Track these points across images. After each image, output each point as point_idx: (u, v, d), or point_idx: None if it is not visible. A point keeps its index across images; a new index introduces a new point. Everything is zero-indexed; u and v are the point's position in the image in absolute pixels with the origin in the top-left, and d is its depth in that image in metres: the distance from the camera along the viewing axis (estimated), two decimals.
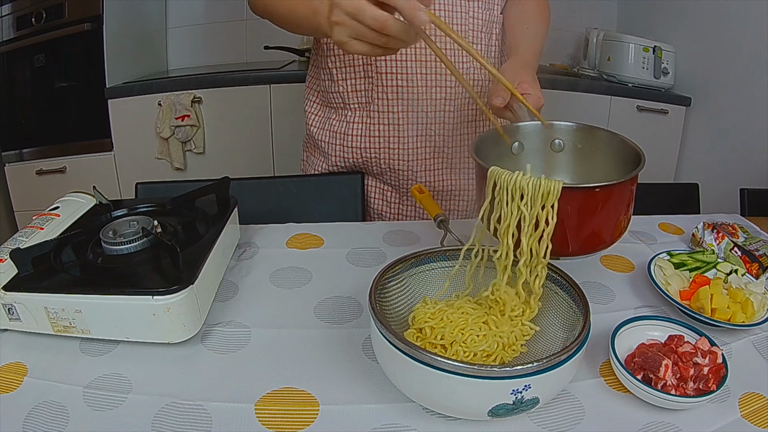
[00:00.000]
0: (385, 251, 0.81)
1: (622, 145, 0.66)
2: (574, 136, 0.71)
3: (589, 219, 0.57)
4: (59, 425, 0.49)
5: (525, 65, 0.82)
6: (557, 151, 0.72)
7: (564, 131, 0.72)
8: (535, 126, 0.72)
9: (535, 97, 0.73)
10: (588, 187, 0.55)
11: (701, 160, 2.14)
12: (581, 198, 0.56)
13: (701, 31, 2.06)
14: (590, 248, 0.61)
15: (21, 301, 0.57)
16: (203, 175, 2.15)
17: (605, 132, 0.69)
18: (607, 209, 0.57)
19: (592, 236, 0.59)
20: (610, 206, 0.58)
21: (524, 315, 0.58)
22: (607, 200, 0.57)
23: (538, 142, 0.72)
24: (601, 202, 0.56)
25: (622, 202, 0.59)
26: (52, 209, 0.72)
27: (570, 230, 0.57)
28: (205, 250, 0.64)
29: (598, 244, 0.61)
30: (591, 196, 0.56)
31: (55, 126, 2.11)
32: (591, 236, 0.59)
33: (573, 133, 0.71)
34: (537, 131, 0.72)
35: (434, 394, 0.48)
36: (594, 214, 0.57)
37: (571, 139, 0.71)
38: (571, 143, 0.71)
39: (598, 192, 0.56)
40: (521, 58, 0.86)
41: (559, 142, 0.72)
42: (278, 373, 0.56)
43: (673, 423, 0.51)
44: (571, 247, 0.59)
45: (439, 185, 1.02)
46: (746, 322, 0.63)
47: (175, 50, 2.46)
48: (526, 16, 0.95)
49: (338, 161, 1.02)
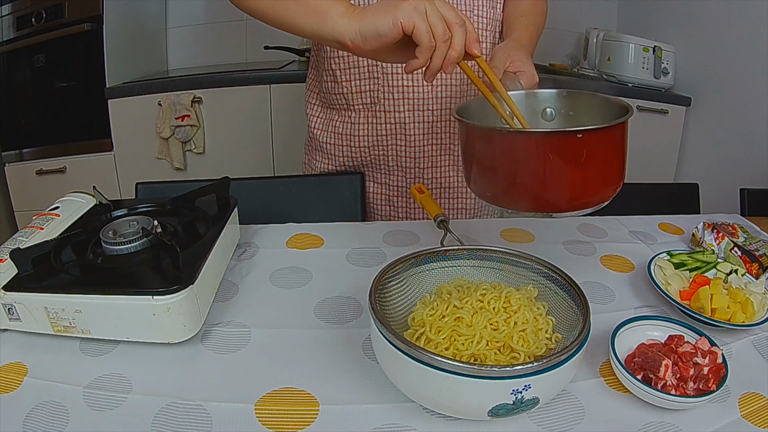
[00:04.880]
0: (385, 251, 0.81)
1: (607, 102, 0.66)
2: (560, 103, 0.72)
3: (574, 168, 0.56)
4: (59, 425, 0.49)
5: (518, 45, 0.82)
6: (548, 120, 0.72)
7: (550, 99, 0.72)
8: (523, 95, 0.72)
9: (528, 74, 0.74)
10: (570, 131, 0.55)
11: (701, 160, 2.14)
12: (564, 144, 0.55)
13: (701, 31, 2.06)
14: (582, 199, 0.59)
15: (21, 301, 0.57)
16: (203, 175, 2.15)
17: (588, 95, 0.70)
18: (594, 156, 0.56)
19: (582, 186, 0.58)
20: (597, 153, 0.56)
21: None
22: (592, 145, 0.55)
23: (528, 112, 0.72)
24: (585, 147, 0.55)
25: (608, 148, 0.57)
26: (52, 209, 0.72)
27: (556, 179, 0.56)
28: (205, 250, 0.64)
29: (590, 195, 0.59)
30: (574, 142, 0.55)
31: (55, 126, 2.11)
32: (581, 186, 0.58)
33: (560, 100, 0.72)
34: (525, 101, 0.72)
35: (434, 394, 0.48)
36: (579, 163, 0.56)
37: (560, 106, 0.72)
38: (561, 111, 0.72)
39: (581, 138, 0.54)
40: (514, 40, 0.86)
41: (550, 111, 0.72)
42: (278, 373, 0.56)
43: (673, 423, 0.51)
44: (564, 196, 0.58)
45: (446, 182, 1.02)
46: (746, 322, 0.63)
47: (175, 50, 2.46)
48: (523, 7, 0.96)
49: (345, 161, 1.03)
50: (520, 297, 0.58)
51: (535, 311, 0.57)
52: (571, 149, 0.55)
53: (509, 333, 0.54)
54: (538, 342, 0.54)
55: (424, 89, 0.93)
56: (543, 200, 0.58)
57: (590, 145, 0.55)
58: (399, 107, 0.94)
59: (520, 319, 0.55)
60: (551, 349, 0.55)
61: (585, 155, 0.55)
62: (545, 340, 0.55)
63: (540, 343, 0.54)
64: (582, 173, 0.57)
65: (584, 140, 0.55)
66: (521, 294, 0.58)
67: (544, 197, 0.58)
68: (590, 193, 0.59)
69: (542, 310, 0.58)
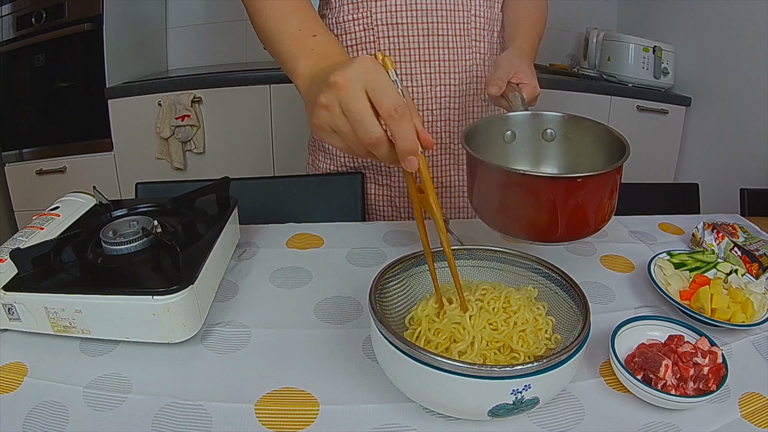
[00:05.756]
0: (385, 251, 0.81)
1: (607, 134, 0.69)
2: (563, 126, 0.74)
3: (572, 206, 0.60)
4: (59, 425, 0.49)
5: (522, 55, 0.83)
6: (548, 140, 0.74)
7: (553, 121, 0.74)
8: (528, 116, 0.74)
9: (530, 87, 0.75)
10: (570, 178, 0.59)
11: (701, 160, 2.14)
12: (564, 187, 0.59)
13: (701, 31, 2.06)
14: (575, 233, 0.63)
15: (21, 301, 0.57)
16: (203, 175, 2.15)
17: (591, 122, 0.71)
18: (590, 197, 0.60)
19: (577, 222, 0.62)
20: (593, 194, 0.60)
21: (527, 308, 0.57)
22: (589, 189, 0.60)
23: (530, 132, 0.74)
24: (583, 190, 0.59)
25: (604, 190, 0.61)
26: (52, 209, 0.72)
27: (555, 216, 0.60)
28: (205, 250, 0.64)
29: (583, 230, 0.63)
30: (573, 185, 0.59)
31: (55, 126, 2.11)
32: (575, 222, 0.61)
33: (562, 123, 0.74)
34: (529, 121, 0.74)
35: (434, 394, 0.48)
36: (577, 202, 0.60)
37: (561, 128, 0.74)
38: (561, 133, 0.74)
39: (580, 182, 0.58)
40: (518, 48, 0.87)
41: (551, 131, 0.74)
42: (278, 373, 0.56)
43: (673, 423, 0.51)
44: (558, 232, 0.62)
45: (447, 181, 1.02)
46: (746, 322, 0.63)
47: (175, 50, 2.46)
48: (523, 10, 0.96)
49: (347, 161, 1.03)
50: (520, 297, 0.58)
51: (534, 311, 0.57)
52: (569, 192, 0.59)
53: (509, 333, 0.54)
54: (537, 342, 0.54)
55: (424, 90, 0.93)
56: (538, 233, 0.63)
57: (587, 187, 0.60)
58: None
59: (520, 320, 0.55)
60: (551, 349, 0.55)
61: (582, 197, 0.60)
62: (545, 341, 0.55)
63: (540, 343, 0.54)
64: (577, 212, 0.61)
65: (582, 183, 0.59)
66: (521, 294, 0.58)
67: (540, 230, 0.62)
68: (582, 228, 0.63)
69: (542, 311, 0.58)
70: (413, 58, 0.91)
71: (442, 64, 0.92)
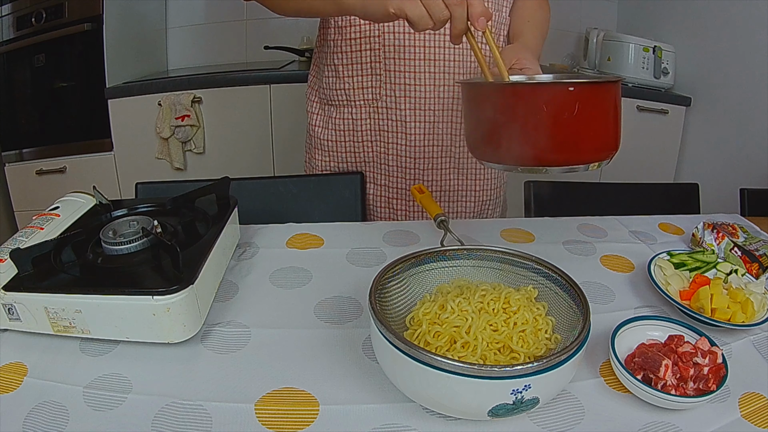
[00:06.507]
0: (385, 251, 0.81)
1: None
2: None
3: (566, 118, 0.58)
4: (59, 425, 0.49)
5: (525, 48, 0.84)
6: None
7: None
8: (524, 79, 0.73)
9: (533, 72, 0.75)
10: (562, 83, 0.59)
11: (701, 160, 2.14)
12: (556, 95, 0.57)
13: (701, 31, 2.06)
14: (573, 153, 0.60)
15: (21, 301, 0.57)
16: (203, 175, 2.15)
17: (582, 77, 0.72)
18: (585, 110, 0.58)
19: (573, 138, 0.59)
20: (588, 107, 0.58)
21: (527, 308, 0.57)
22: (583, 99, 0.57)
23: None
24: (577, 101, 0.57)
25: (599, 104, 0.60)
26: (52, 209, 0.72)
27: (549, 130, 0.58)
28: (205, 250, 0.64)
29: (579, 152, 0.60)
30: (565, 95, 0.57)
31: (55, 126, 2.11)
32: (571, 138, 0.59)
33: None
34: None
35: (434, 394, 0.48)
36: (571, 113, 0.57)
37: None
38: None
39: (573, 91, 0.57)
40: (522, 43, 0.88)
41: None
42: (278, 373, 0.56)
43: (673, 423, 0.51)
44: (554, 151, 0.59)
45: (446, 185, 1.02)
46: (746, 322, 0.63)
47: (175, 50, 2.46)
48: (528, 11, 0.97)
49: (348, 157, 1.02)
50: (520, 297, 0.58)
51: (534, 312, 0.57)
52: (563, 101, 0.57)
53: (509, 334, 0.54)
54: (537, 342, 0.54)
55: (426, 89, 0.93)
56: (535, 152, 0.59)
57: (581, 99, 0.57)
58: (400, 105, 0.94)
59: (520, 320, 0.55)
60: (551, 349, 0.55)
61: (576, 109, 0.57)
62: (545, 341, 0.55)
63: (540, 343, 0.54)
64: (573, 126, 0.58)
65: (575, 93, 0.57)
66: (521, 294, 0.58)
67: (537, 148, 0.59)
68: (581, 148, 0.60)
69: (542, 311, 0.58)
70: (417, 57, 0.91)
71: (446, 65, 0.92)
